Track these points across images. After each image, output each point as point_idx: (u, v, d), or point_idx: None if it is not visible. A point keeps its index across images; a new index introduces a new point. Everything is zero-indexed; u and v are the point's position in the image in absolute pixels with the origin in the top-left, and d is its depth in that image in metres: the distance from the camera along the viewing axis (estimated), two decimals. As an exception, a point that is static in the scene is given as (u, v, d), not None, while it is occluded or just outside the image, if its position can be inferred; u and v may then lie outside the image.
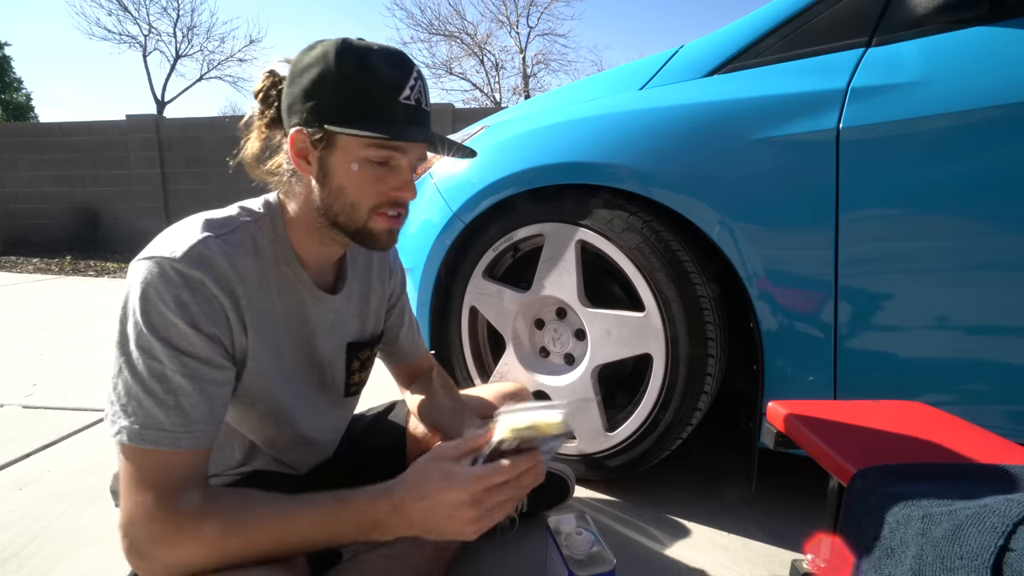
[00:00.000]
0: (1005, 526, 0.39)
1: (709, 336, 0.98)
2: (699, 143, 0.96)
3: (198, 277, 0.58)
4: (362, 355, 0.85)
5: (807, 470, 0.86)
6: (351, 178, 0.64)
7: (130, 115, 6.86)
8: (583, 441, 1.13)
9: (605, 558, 0.73)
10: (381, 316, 0.89)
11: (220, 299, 0.59)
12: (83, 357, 2.21)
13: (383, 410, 1.01)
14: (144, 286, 0.56)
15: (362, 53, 0.61)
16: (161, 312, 0.55)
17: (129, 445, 0.55)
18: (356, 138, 0.61)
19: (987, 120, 0.79)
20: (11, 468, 1.28)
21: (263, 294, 0.66)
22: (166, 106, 15.28)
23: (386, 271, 0.88)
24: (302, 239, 0.70)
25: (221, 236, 0.62)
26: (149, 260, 0.57)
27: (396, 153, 0.64)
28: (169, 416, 0.55)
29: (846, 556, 0.51)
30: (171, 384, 0.56)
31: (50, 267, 5.34)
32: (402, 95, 0.62)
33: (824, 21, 0.92)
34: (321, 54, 0.61)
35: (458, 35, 15.10)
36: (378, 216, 0.66)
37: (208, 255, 0.59)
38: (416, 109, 0.64)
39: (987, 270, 0.82)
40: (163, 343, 0.55)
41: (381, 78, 0.61)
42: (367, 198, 0.64)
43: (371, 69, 0.61)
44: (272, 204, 0.70)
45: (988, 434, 0.65)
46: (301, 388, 0.75)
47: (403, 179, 0.66)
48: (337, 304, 0.77)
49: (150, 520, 0.53)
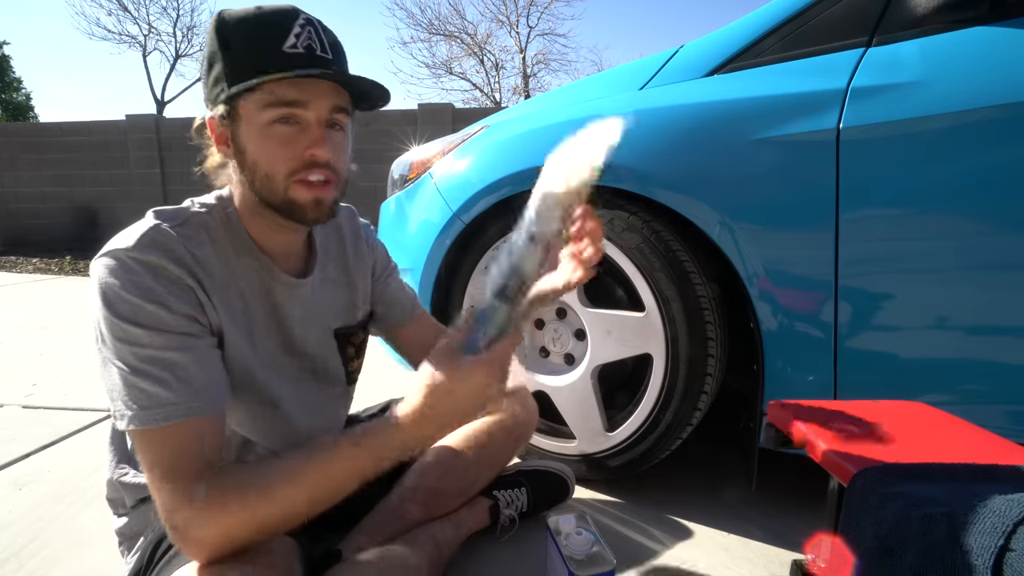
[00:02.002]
0: (1005, 526, 0.39)
1: (709, 336, 0.98)
2: (699, 143, 0.96)
3: (156, 262, 0.58)
4: (355, 340, 0.84)
5: (807, 470, 0.86)
6: (260, 148, 0.61)
7: (130, 115, 6.86)
8: (583, 441, 1.13)
9: (605, 558, 0.73)
10: (368, 295, 0.87)
11: (185, 280, 0.59)
12: (83, 357, 2.21)
13: (379, 410, 1.01)
14: (105, 280, 0.56)
15: (240, 18, 0.60)
16: (126, 299, 0.55)
17: (142, 430, 0.55)
18: (251, 104, 0.60)
19: (987, 120, 0.79)
20: (11, 468, 1.28)
21: (227, 284, 0.65)
22: (166, 106, 15.27)
23: (363, 249, 0.86)
24: (254, 226, 0.69)
25: (174, 226, 0.62)
26: (105, 256, 0.57)
27: (296, 109, 0.60)
28: (171, 390, 0.55)
29: (846, 556, 0.51)
30: (163, 361, 0.56)
31: (50, 267, 5.34)
32: (286, 44, 0.59)
33: (824, 21, 0.92)
34: (208, 35, 0.61)
35: (458, 35, 15.10)
36: (297, 184, 0.62)
37: (162, 240, 0.59)
38: (307, 56, 0.60)
39: (987, 270, 0.82)
40: (139, 327, 0.55)
41: (260, 34, 0.59)
42: (279, 164, 0.61)
43: (249, 30, 0.60)
44: (224, 195, 0.69)
45: (988, 434, 0.65)
46: (289, 378, 0.74)
47: (313, 135, 0.62)
48: (308, 289, 0.75)
49: (175, 510, 0.54)
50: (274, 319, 0.72)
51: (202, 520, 0.53)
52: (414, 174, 1.36)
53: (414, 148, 1.45)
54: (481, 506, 0.96)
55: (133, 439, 0.57)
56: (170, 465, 0.55)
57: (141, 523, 0.71)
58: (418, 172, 1.35)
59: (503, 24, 15.28)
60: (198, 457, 0.56)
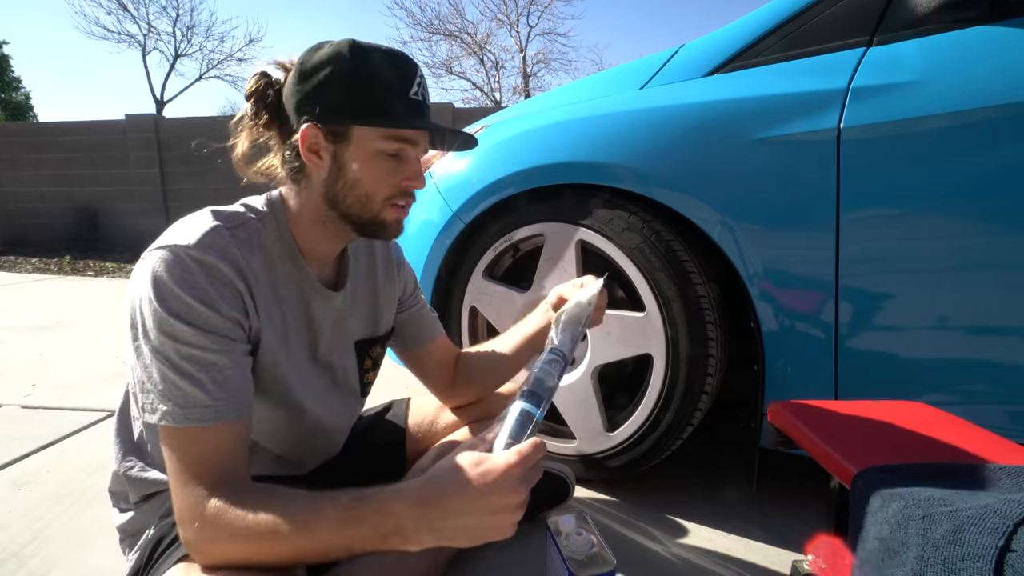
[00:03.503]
0: (1006, 526, 0.38)
1: (710, 336, 0.98)
2: (700, 143, 0.96)
3: (212, 263, 0.59)
4: (373, 352, 0.85)
5: (808, 471, 0.86)
6: (366, 170, 0.66)
7: (129, 114, 6.84)
8: (583, 441, 1.13)
9: (605, 558, 0.73)
10: (392, 312, 0.89)
11: (236, 284, 0.61)
12: (82, 357, 2.20)
13: (381, 410, 1.02)
14: (160, 273, 0.57)
15: (371, 53, 0.64)
16: (178, 296, 0.56)
17: (173, 427, 0.56)
18: (370, 131, 0.64)
19: (988, 120, 0.79)
20: (10, 468, 1.27)
21: (270, 291, 0.67)
22: (165, 105, 15.28)
23: (392, 267, 0.88)
24: (306, 235, 0.71)
25: (231, 229, 0.63)
26: (163, 249, 0.58)
27: (407, 145, 0.66)
28: (208, 392, 0.56)
29: (847, 557, 0.51)
30: (203, 362, 0.57)
31: (49, 267, 5.34)
32: (411, 91, 0.65)
33: (824, 20, 0.92)
34: (333, 53, 0.63)
35: (458, 34, 15.10)
36: (390, 207, 0.68)
37: (221, 243, 0.61)
38: (422, 104, 0.67)
39: (988, 270, 0.82)
40: (187, 325, 0.56)
41: (392, 75, 0.64)
42: (382, 189, 0.67)
43: (382, 67, 0.64)
44: (275, 201, 0.71)
45: (989, 434, 0.65)
46: (314, 386, 0.75)
47: (415, 169, 0.68)
48: (339, 301, 0.77)
49: (191, 511, 0.55)
50: (308, 328, 0.73)
51: (211, 533, 0.54)
52: (414, 174, 1.36)
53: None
54: (481, 506, 0.96)
55: (162, 435, 0.57)
56: (195, 466, 0.56)
57: (144, 520, 0.70)
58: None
59: (503, 23, 15.29)
60: (222, 462, 0.57)
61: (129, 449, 0.73)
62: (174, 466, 0.56)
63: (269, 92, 0.67)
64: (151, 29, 14.95)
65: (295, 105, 0.65)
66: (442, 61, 15.47)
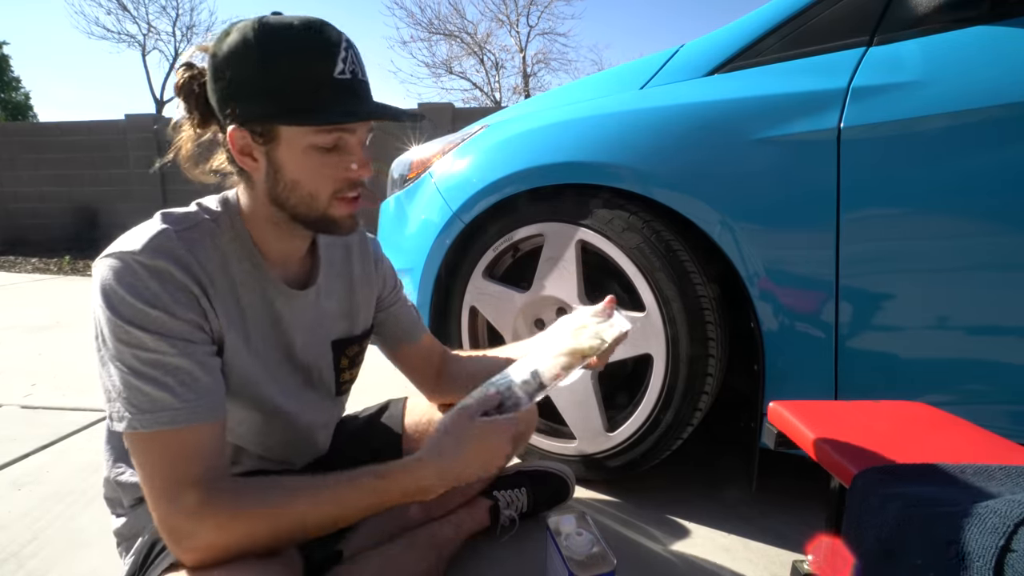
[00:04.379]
0: (1006, 527, 0.38)
1: (710, 336, 0.98)
2: (700, 142, 0.96)
3: (163, 267, 0.57)
4: (350, 352, 0.83)
5: (808, 471, 0.86)
6: (303, 169, 0.61)
7: (129, 114, 6.84)
8: (583, 441, 1.13)
9: (605, 559, 0.73)
10: (371, 309, 0.86)
11: (189, 287, 0.59)
12: (82, 357, 2.20)
13: (376, 411, 1.00)
14: (108, 282, 0.55)
15: (282, 33, 0.57)
16: (130, 303, 0.55)
17: (142, 433, 0.54)
18: (302, 129, 0.59)
19: (988, 120, 0.79)
20: (10, 468, 1.27)
21: (227, 291, 0.64)
22: (165, 105, 15.25)
23: (370, 264, 0.85)
24: (263, 235, 0.67)
25: (181, 231, 0.61)
26: (110, 257, 0.57)
27: (344, 134, 0.61)
28: (175, 395, 0.55)
29: (847, 557, 0.51)
30: (167, 366, 0.56)
31: (49, 267, 5.33)
32: (336, 71, 0.58)
33: (825, 20, 0.92)
34: (240, 41, 0.56)
35: (458, 34, 15.08)
36: (338, 201, 0.64)
37: (169, 246, 0.58)
38: (353, 82, 0.60)
39: (988, 270, 0.82)
40: (142, 331, 0.55)
41: (311, 56, 0.57)
42: (324, 185, 0.62)
43: (298, 49, 0.57)
44: (230, 201, 0.68)
45: (989, 434, 0.65)
46: (287, 387, 0.74)
47: (357, 157, 0.63)
48: (311, 300, 0.74)
49: (169, 515, 0.55)
50: (275, 328, 0.71)
51: (196, 529, 0.54)
52: (414, 174, 1.36)
53: (414, 148, 1.45)
54: (481, 506, 0.96)
55: (128, 442, 0.56)
56: (167, 470, 0.55)
57: (139, 523, 0.70)
58: (418, 172, 1.35)
59: (503, 23, 15.27)
60: (197, 463, 0.56)
61: (119, 456, 0.73)
62: (145, 471, 0.55)
63: (194, 86, 0.63)
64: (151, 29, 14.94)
65: (216, 104, 0.60)
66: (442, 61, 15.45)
